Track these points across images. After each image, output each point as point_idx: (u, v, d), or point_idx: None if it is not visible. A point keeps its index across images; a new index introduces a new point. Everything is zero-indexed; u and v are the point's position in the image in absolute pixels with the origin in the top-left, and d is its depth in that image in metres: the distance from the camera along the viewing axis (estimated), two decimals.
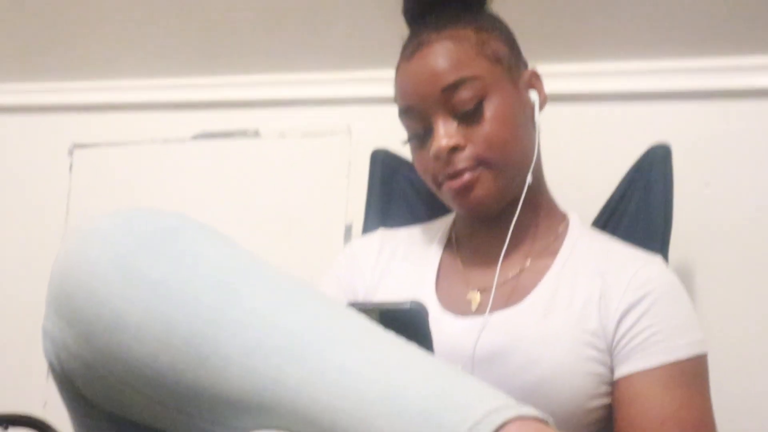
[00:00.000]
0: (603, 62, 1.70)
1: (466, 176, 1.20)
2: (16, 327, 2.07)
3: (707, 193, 1.62)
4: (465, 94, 1.19)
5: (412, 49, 1.25)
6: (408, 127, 1.27)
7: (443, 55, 1.21)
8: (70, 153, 2.09)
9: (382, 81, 1.72)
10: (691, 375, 1.14)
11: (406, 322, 0.87)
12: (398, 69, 1.28)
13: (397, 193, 1.61)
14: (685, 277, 1.50)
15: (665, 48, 1.65)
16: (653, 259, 1.24)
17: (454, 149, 1.19)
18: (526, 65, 1.30)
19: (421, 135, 1.24)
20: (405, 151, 1.54)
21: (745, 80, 1.62)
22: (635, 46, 1.67)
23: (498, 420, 0.69)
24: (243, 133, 1.97)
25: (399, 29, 1.33)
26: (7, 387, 2.05)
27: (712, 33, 1.61)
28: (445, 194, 1.24)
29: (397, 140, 1.52)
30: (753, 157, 1.62)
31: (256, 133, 1.96)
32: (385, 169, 1.62)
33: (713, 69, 1.64)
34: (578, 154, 1.65)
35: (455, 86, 1.19)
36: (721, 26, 1.60)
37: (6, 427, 1.22)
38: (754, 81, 1.62)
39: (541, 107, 1.28)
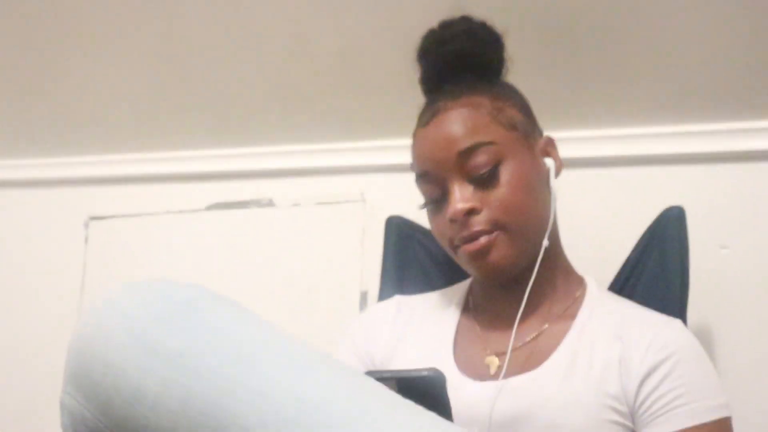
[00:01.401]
0: (617, 128, 1.71)
1: (483, 239, 1.20)
2: (32, 401, 2.06)
3: (724, 254, 1.62)
4: (480, 159, 1.20)
5: (428, 116, 1.27)
6: (424, 192, 1.28)
7: (459, 121, 1.23)
8: (86, 225, 2.10)
9: (395, 149, 1.75)
10: None
11: (424, 390, 0.87)
12: (415, 135, 1.30)
13: (412, 260, 1.60)
14: (705, 340, 1.48)
15: (678, 112, 1.66)
16: (673, 322, 1.23)
17: (470, 212, 1.20)
18: (541, 133, 1.32)
19: (437, 199, 1.25)
20: (420, 218, 1.55)
21: (759, 143, 1.63)
22: (648, 111, 1.67)
23: None
24: (257, 203, 1.97)
25: (411, 98, 1.34)
26: None
27: (725, 97, 1.61)
28: (462, 258, 1.24)
29: (411, 207, 1.52)
30: None
31: (270, 203, 1.96)
32: (400, 236, 1.62)
33: (726, 132, 1.64)
34: (593, 218, 1.64)
35: (471, 151, 1.20)
36: (733, 90, 1.61)
37: None
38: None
39: (557, 173, 1.29)
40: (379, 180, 1.88)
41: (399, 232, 1.62)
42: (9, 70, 2.01)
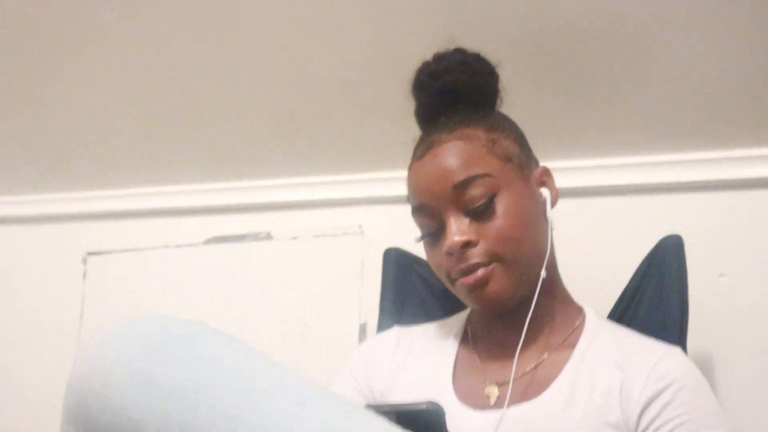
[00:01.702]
0: (613, 157, 1.74)
1: (480, 272, 1.20)
2: None
3: (723, 282, 1.62)
4: (476, 191, 1.21)
5: (423, 149, 1.27)
6: (421, 225, 1.28)
7: (454, 154, 1.23)
8: (84, 261, 2.11)
9: (392, 181, 1.76)
10: None
11: (424, 423, 0.87)
12: (410, 169, 1.30)
13: (410, 291, 1.60)
14: (705, 368, 1.48)
15: (675, 141, 1.68)
16: (673, 350, 1.23)
17: (467, 245, 1.20)
18: (537, 163, 1.33)
19: (434, 232, 1.25)
20: (417, 250, 1.55)
21: (756, 171, 1.64)
22: (644, 139, 1.69)
23: None
24: (255, 236, 1.98)
25: (408, 131, 1.35)
26: None
27: (722, 125, 1.63)
28: (459, 290, 1.24)
29: (408, 239, 1.51)
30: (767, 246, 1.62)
31: (268, 236, 1.97)
32: (398, 268, 1.62)
33: (723, 160, 1.67)
34: (591, 247, 1.65)
35: (466, 183, 1.21)
36: (731, 118, 1.62)
37: None
38: (764, 171, 1.63)
39: (553, 203, 1.29)
40: (377, 212, 1.89)
41: (397, 264, 1.62)
42: (6, 109, 2.02)
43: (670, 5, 1.53)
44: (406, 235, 1.48)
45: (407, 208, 1.30)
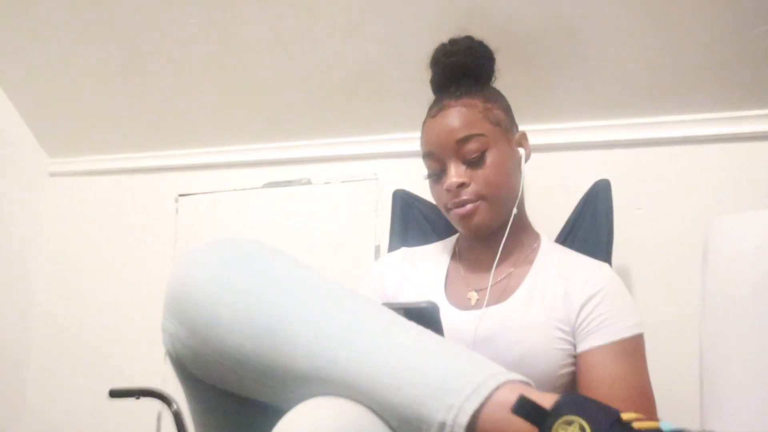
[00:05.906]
0: (567, 122, 1.69)
1: (469, 206, 1.18)
2: (139, 326, 2.07)
3: (639, 214, 1.61)
4: (472, 146, 1.18)
5: (435, 110, 1.24)
6: (429, 167, 1.24)
7: (458, 117, 1.20)
8: (176, 200, 2.09)
9: (399, 141, 1.76)
10: (633, 349, 1.11)
11: (424, 316, 0.87)
12: (424, 124, 1.26)
13: (412, 221, 1.57)
14: (624, 277, 1.48)
15: (604, 111, 1.64)
16: (602, 265, 1.22)
17: (462, 185, 1.18)
18: (517, 128, 1.29)
19: (438, 173, 1.22)
20: (418, 191, 1.54)
21: (665, 133, 1.62)
22: (584, 110, 1.65)
23: (494, 383, 0.69)
24: (299, 182, 1.96)
25: (410, 105, 1.32)
26: (135, 370, 2.06)
27: (635, 98, 1.60)
28: (453, 217, 1.22)
29: (411, 184, 1.52)
30: (671, 189, 1.60)
31: (308, 182, 1.95)
32: (403, 204, 1.59)
33: (640, 125, 1.63)
34: (547, 189, 1.62)
35: (465, 140, 1.18)
36: (642, 92, 1.59)
37: (138, 398, 1.23)
38: (672, 133, 1.61)
39: (527, 160, 1.26)
40: (388, 164, 1.85)
41: (402, 201, 1.60)
42: (121, 92, 2.01)
43: (597, 7, 1.49)
44: (409, 180, 1.49)
45: (411, 161, 1.28)
